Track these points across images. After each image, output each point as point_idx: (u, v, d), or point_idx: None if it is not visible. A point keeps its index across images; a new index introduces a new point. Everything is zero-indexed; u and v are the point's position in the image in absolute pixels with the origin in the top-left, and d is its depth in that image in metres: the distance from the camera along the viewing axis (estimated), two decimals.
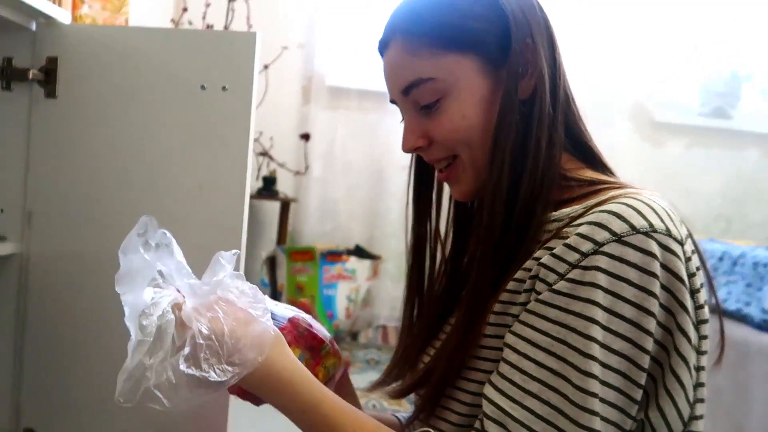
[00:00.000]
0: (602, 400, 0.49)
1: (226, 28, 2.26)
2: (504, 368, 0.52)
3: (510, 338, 0.53)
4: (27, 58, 0.92)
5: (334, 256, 2.52)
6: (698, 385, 0.53)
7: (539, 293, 0.52)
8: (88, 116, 0.92)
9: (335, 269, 2.50)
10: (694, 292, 0.52)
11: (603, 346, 0.49)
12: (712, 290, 0.57)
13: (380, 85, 2.63)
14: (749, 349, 1.35)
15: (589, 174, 0.62)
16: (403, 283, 2.60)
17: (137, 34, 0.93)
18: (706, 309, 0.54)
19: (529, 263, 0.55)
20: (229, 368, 0.49)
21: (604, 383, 0.49)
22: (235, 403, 0.75)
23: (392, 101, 0.66)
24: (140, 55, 0.91)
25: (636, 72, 2.92)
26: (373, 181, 2.86)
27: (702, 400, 0.54)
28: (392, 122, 2.84)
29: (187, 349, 0.48)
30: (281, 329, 0.57)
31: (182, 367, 0.47)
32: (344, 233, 2.84)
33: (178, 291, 0.54)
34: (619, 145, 2.92)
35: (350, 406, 0.56)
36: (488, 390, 0.53)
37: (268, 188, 2.58)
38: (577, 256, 0.50)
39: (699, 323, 0.53)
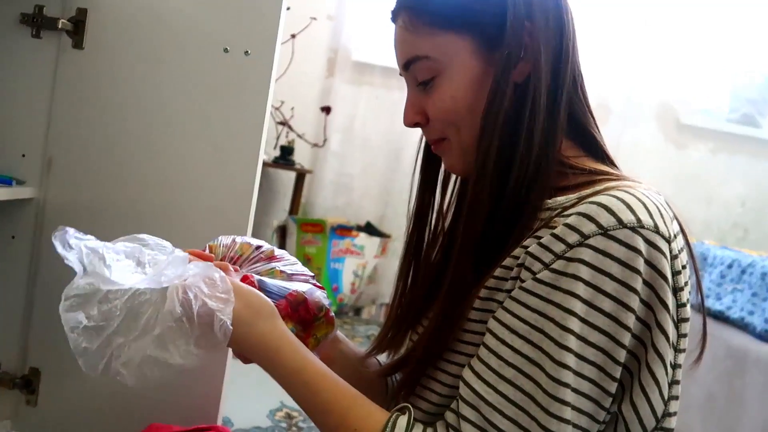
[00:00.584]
0: (575, 391, 0.49)
1: None
2: (482, 352, 0.53)
3: (491, 323, 0.54)
4: (58, 7, 0.94)
5: (344, 230, 2.54)
6: (673, 382, 0.54)
7: (523, 281, 0.52)
8: (112, 70, 0.94)
9: (344, 244, 2.52)
10: (677, 290, 0.52)
11: (579, 338, 0.49)
12: (699, 289, 0.57)
13: None
14: (747, 357, 1.35)
15: (589, 163, 0.61)
16: None
17: None
18: (688, 307, 0.54)
19: (517, 251, 0.55)
20: (194, 351, 0.51)
21: (578, 374, 0.49)
22: (235, 364, 0.77)
23: (401, 75, 0.66)
24: (167, 13, 0.92)
25: (665, 72, 2.87)
26: (390, 159, 2.86)
27: (676, 398, 0.55)
28: None
29: (157, 330, 0.50)
30: (276, 305, 0.60)
31: (149, 351, 0.49)
32: (356, 209, 2.86)
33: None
34: (641, 145, 2.88)
35: (333, 374, 0.58)
36: (466, 373, 0.54)
37: (284, 158, 2.59)
38: (562, 246, 0.51)
39: (680, 321, 0.53)
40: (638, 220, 0.50)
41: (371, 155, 2.87)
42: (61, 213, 0.96)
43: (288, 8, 2.42)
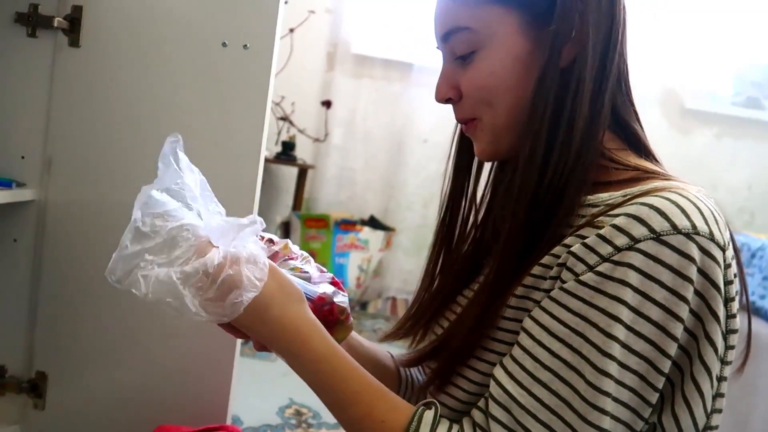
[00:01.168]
0: (615, 400, 0.48)
1: None
2: (516, 352, 0.51)
3: (527, 323, 0.52)
4: (53, 5, 0.92)
5: (348, 225, 2.53)
6: (718, 395, 0.51)
7: (564, 282, 0.50)
8: (110, 67, 0.92)
9: (348, 238, 2.51)
10: (728, 301, 0.49)
11: (624, 345, 0.47)
12: (745, 294, 0.54)
13: (405, 55, 2.62)
14: (759, 342, 1.33)
15: (632, 159, 0.59)
16: (415, 258, 2.62)
17: None
18: (738, 319, 0.51)
19: (558, 249, 0.53)
20: (202, 312, 0.50)
21: (619, 383, 0.47)
22: (242, 363, 0.76)
23: (438, 48, 0.64)
24: (164, 8, 0.91)
25: (668, 57, 2.84)
26: (393, 152, 2.84)
27: (719, 411, 0.52)
28: (415, 94, 2.81)
29: (187, 267, 0.49)
30: None
31: (174, 276, 0.48)
32: (360, 203, 2.84)
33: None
34: (646, 131, 2.85)
35: (360, 366, 0.56)
36: (498, 372, 0.52)
37: (286, 153, 2.58)
38: (609, 249, 0.48)
39: (728, 332, 0.50)
40: (693, 225, 0.48)
41: (373, 149, 2.85)
42: (63, 214, 0.95)
43: (286, 2, 2.40)
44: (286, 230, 2.60)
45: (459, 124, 0.67)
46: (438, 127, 2.83)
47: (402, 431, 0.52)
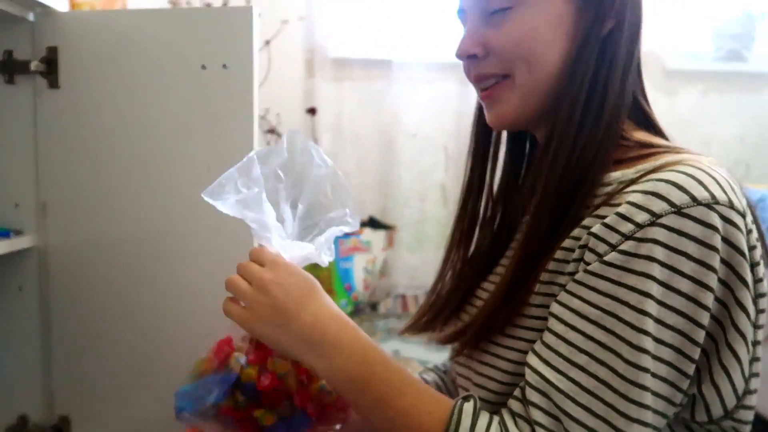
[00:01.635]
0: (654, 375, 0.48)
1: (225, 4, 2.23)
2: (549, 338, 0.51)
3: (556, 308, 0.52)
4: (27, 49, 0.92)
5: None
6: (754, 359, 0.52)
7: (588, 264, 0.50)
8: (92, 104, 0.92)
9: (350, 242, 2.51)
10: (754, 266, 0.50)
11: (657, 321, 0.48)
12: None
13: (383, 53, 2.61)
14: None
15: (640, 135, 0.59)
16: (419, 253, 2.61)
17: (134, 17, 0.92)
18: (765, 282, 0.52)
19: (577, 231, 0.53)
20: None
21: (656, 358, 0.48)
22: None
23: (460, 11, 0.62)
24: (139, 38, 0.90)
25: (645, 20, 2.84)
26: (384, 150, 2.84)
27: (757, 374, 0.53)
28: (398, 90, 2.80)
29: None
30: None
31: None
32: (357, 205, 2.84)
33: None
34: None
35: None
36: (532, 359, 0.52)
37: None
38: (631, 227, 0.48)
39: (757, 297, 0.51)
40: (712, 196, 0.48)
41: (364, 149, 2.84)
42: (64, 256, 0.95)
43: (259, 14, 2.39)
44: None
45: (477, 105, 0.66)
46: (425, 120, 2.82)
47: (444, 422, 0.52)
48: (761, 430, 0.54)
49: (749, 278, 0.49)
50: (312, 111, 2.71)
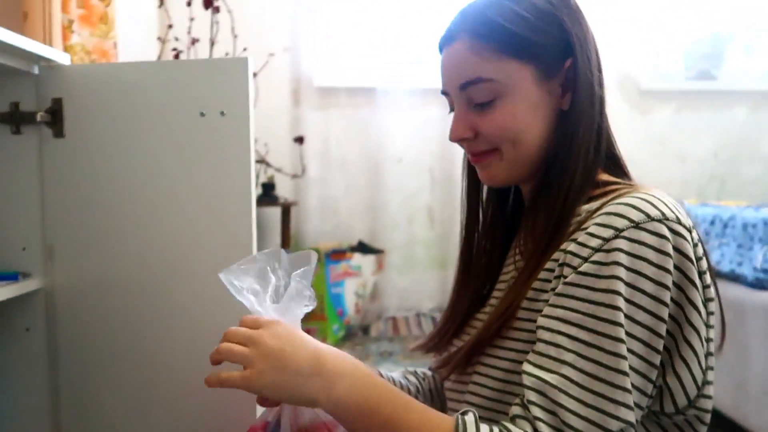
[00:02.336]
0: (630, 367, 0.55)
1: (211, 41, 2.29)
2: (539, 346, 0.58)
3: (542, 321, 0.59)
4: (33, 101, 0.97)
5: (338, 254, 2.57)
6: (708, 354, 0.60)
7: (566, 276, 0.59)
8: (96, 151, 0.97)
9: (341, 267, 2.55)
10: (701, 273, 0.59)
11: (626, 316, 0.55)
12: (712, 279, 0.63)
13: (367, 81, 2.68)
14: (744, 307, 1.40)
15: (608, 177, 0.69)
16: (408, 275, 2.67)
17: (135, 68, 0.97)
18: (712, 289, 0.61)
19: (556, 254, 0.62)
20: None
21: (629, 350, 0.55)
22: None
23: (444, 93, 0.71)
24: (140, 88, 0.96)
25: (618, 43, 2.95)
26: (370, 175, 2.90)
27: (711, 368, 0.61)
28: (383, 116, 2.88)
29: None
30: None
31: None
32: (346, 230, 2.89)
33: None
34: (609, 117, 2.95)
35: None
36: (526, 366, 0.59)
37: (267, 194, 2.62)
38: (599, 241, 0.57)
39: (706, 300, 0.59)
40: (662, 213, 0.58)
41: (351, 175, 2.91)
42: (71, 297, 0.98)
43: (245, 49, 2.44)
44: None
45: (466, 158, 0.76)
46: (410, 145, 2.90)
47: None
48: (714, 421, 0.63)
49: (698, 281, 0.58)
50: (299, 139, 2.78)
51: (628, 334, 0.55)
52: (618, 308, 0.55)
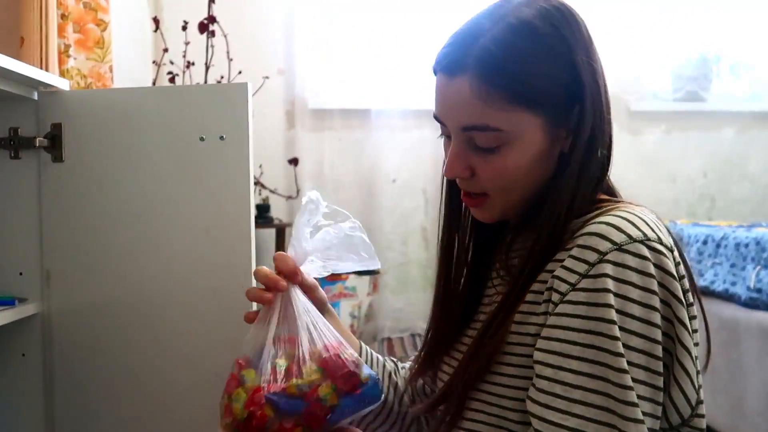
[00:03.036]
0: (639, 396, 0.55)
1: (206, 64, 2.31)
2: (542, 383, 0.57)
3: (539, 355, 0.58)
4: (32, 126, 0.97)
5: (333, 275, 2.55)
6: (698, 372, 0.59)
7: (555, 304, 0.58)
8: (95, 176, 0.97)
9: (336, 288, 2.54)
10: (684, 292, 0.59)
11: (625, 345, 0.55)
12: (696, 296, 0.63)
13: (362, 102, 2.72)
14: (738, 326, 1.41)
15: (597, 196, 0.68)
16: (403, 295, 2.68)
17: (135, 94, 0.98)
18: (695, 307, 0.61)
19: (543, 276, 0.61)
20: None
21: (633, 379, 0.54)
22: None
23: (437, 119, 0.67)
24: (139, 113, 0.96)
25: (607, 66, 3.00)
26: (365, 197, 2.91)
27: (701, 386, 0.60)
28: (377, 137, 2.90)
29: None
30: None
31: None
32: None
33: None
34: None
35: None
36: (533, 407, 0.57)
37: (262, 216, 2.62)
38: (585, 266, 0.57)
39: (690, 318, 0.59)
40: (644, 234, 0.58)
41: (345, 196, 2.91)
42: (67, 322, 0.98)
43: (240, 72, 2.46)
44: None
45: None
46: (404, 166, 2.92)
47: None
48: None
49: (683, 299, 0.58)
50: (294, 161, 2.79)
51: (629, 362, 0.55)
52: (616, 338, 0.54)
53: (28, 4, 1.20)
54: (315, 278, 0.75)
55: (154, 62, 2.44)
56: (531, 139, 0.63)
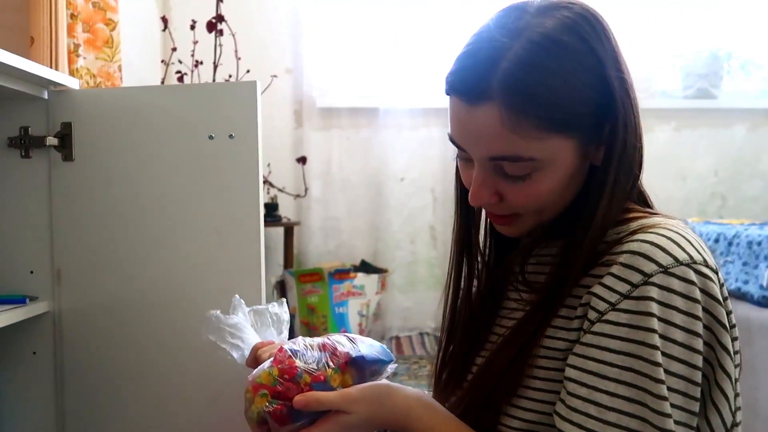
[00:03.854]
0: (676, 422, 0.53)
1: (214, 63, 2.31)
2: (576, 402, 0.55)
3: (573, 372, 0.56)
4: (42, 125, 0.98)
5: (341, 274, 2.56)
6: (737, 395, 0.58)
7: (592, 322, 0.56)
8: (105, 175, 0.98)
9: (344, 287, 2.54)
10: (728, 313, 0.57)
11: (665, 370, 0.53)
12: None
13: (370, 101, 2.70)
14: (751, 325, 1.40)
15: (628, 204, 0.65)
16: (411, 294, 2.66)
17: (145, 93, 0.98)
18: (736, 329, 0.59)
19: (577, 290, 0.59)
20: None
21: (672, 405, 0.53)
22: None
23: (454, 143, 0.63)
24: (149, 112, 0.97)
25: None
26: (372, 195, 2.91)
27: (740, 408, 0.59)
28: (385, 136, 2.89)
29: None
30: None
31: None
32: (349, 250, 2.89)
33: None
34: None
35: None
36: (564, 425, 0.56)
37: (270, 214, 2.62)
38: (627, 287, 0.54)
39: (733, 340, 0.57)
40: (690, 256, 0.55)
41: (353, 195, 2.91)
42: (78, 320, 0.98)
43: (248, 71, 2.46)
44: (282, 289, 2.62)
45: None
46: (412, 164, 2.91)
47: None
48: None
49: (727, 324, 0.56)
50: (302, 160, 2.79)
51: (669, 388, 0.53)
52: (658, 363, 0.53)
53: (38, 4, 1.21)
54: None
55: (162, 61, 2.44)
56: (564, 161, 0.59)
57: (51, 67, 1.20)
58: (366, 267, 2.77)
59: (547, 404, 0.59)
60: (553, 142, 0.58)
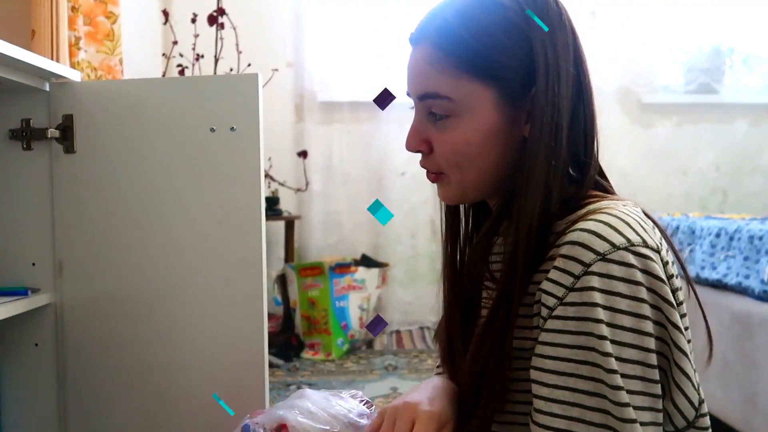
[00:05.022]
0: (635, 407, 0.53)
1: (215, 57, 2.31)
2: (540, 404, 0.56)
3: (535, 374, 0.57)
4: (44, 117, 0.98)
5: (342, 268, 2.57)
6: (694, 371, 0.57)
7: (545, 318, 0.56)
8: (106, 167, 0.98)
9: (345, 281, 2.55)
10: (674, 291, 0.57)
11: (617, 358, 0.53)
12: (690, 286, 0.61)
13: (370, 95, 2.70)
14: (752, 320, 1.40)
15: (575, 189, 0.64)
16: (411, 288, 2.67)
17: (146, 85, 0.98)
18: (684, 306, 0.59)
19: (533, 287, 0.59)
20: None
21: (629, 391, 0.53)
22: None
23: (408, 93, 0.67)
24: (150, 104, 0.97)
25: (618, 57, 2.97)
26: (373, 189, 2.91)
27: (699, 384, 0.59)
28: (386, 130, 2.89)
29: None
30: None
31: None
32: (349, 244, 2.89)
33: None
34: (611, 130, 2.97)
35: None
36: (535, 429, 0.56)
37: (271, 208, 2.63)
38: (571, 279, 0.54)
39: (682, 317, 0.57)
40: (628, 239, 0.55)
41: (354, 189, 2.91)
42: (79, 312, 0.99)
43: (249, 64, 2.45)
44: (283, 283, 2.63)
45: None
46: (413, 159, 2.89)
47: None
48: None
49: (674, 301, 0.56)
50: (303, 154, 2.79)
51: (623, 375, 0.53)
52: (608, 354, 0.53)
53: None
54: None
55: (163, 55, 2.44)
56: (482, 113, 0.61)
57: (52, 60, 1.19)
58: (367, 261, 2.77)
59: (529, 405, 0.59)
60: (469, 85, 0.60)
